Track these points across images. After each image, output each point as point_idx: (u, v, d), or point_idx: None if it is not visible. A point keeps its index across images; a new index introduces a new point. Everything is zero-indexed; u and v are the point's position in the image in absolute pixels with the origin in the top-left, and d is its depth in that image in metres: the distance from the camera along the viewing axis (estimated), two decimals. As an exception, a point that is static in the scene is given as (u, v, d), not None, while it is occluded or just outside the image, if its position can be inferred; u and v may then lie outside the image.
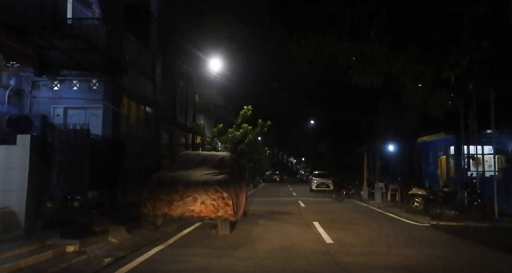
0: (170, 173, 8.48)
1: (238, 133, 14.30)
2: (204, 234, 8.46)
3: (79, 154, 6.27)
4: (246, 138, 14.29)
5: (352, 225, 10.16)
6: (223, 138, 14.25)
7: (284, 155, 73.76)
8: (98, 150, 7.61)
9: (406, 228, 9.91)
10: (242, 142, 14.31)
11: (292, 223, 10.44)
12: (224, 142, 14.21)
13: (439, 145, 19.19)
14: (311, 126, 43.79)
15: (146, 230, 8.24)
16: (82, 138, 6.34)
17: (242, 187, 10.12)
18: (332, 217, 11.93)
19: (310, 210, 14.21)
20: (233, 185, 8.56)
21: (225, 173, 8.68)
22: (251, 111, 14.33)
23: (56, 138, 6.20)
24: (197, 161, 9.45)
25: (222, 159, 9.56)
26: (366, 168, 21.00)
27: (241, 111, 14.45)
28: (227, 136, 14.21)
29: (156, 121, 12.10)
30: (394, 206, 15.27)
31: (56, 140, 6.17)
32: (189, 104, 16.90)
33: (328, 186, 26.89)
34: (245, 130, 14.32)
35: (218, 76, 20.40)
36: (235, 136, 14.04)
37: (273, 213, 13.40)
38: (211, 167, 9.09)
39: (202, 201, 7.66)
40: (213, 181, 7.92)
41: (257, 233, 8.59)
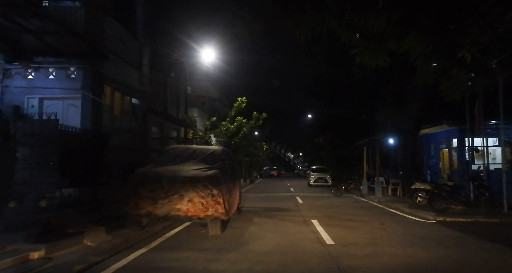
0: (155, 168, 7.78)
1: (232, 126, 13.58)
2: (194, 234, 7.79)
3: (46, 147, 5.55)
4: (241, 131, 13.57)
5: (353, 222, 9.51)
6: (216, 131, 13.52)
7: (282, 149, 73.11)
8: (74, 143, 6.88)
9: (411, 224, 9.27)
10: (236, 135, 13.60)
11: (289, 221, 9.78)
12: (217, 136, 13.48)
13: (441, 137, 18.54)
14: (309, 120, 43.12)
15: (129, 230, 7.56)
16: (50, 129, 5.61)
17: (235, 182, 9.45)
18: (331, 214, 11.28)
19: (308, 206, 13.57)
20: (225, 180, 7.89)
21: (216, 168, 8.00)
22: (245, 103, 13.59)
23: (19, 129, 5.47)
24: (185, 155, 8.76)
25: (213, 153, 8.87)
26: (366, 162, 20.38)
27: (235, 103, 13.71)
28: (220, 129, 13.48)
29: (143, 113, 11.36)
30: (396, 200, 14.65)
31: (20, 132, 5.44)
32: (180, 97, 16.15)
33: (326, 180, 26.32)
34: (240, 123, 13.60)
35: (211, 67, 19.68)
36: (229, 129, 13.32)
37: (269, 209, 12.74)
38: (201, 162, 8.41)
39: (190, 198, 6.97)
40: (202, 177, 7.23)
41: (251, 233, 7.93)
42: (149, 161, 8.42)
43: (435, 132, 18.77)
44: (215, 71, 21.08)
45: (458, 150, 16.90)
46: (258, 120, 13.64)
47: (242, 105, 13.43)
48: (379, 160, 17.60)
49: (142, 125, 11.26)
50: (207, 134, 13.33)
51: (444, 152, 18.75)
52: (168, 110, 15.66)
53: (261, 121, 13.75)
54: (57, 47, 7.65)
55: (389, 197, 16.20)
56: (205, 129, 13.32)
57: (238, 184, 10.30)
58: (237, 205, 10.30)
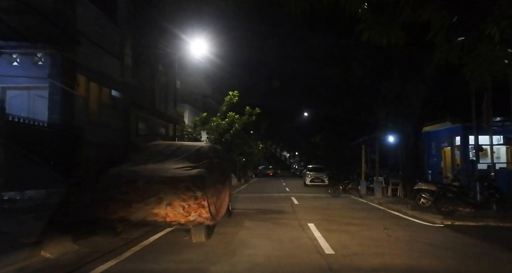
0: (132, 167, 6.88)
1: (224, 122, 12.68)
2: (175, 241, 6.90)
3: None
4: (233, 128, 12.67)
5: (353, 227, 8.67)
6: (205, 127, 12.60)
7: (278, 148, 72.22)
8: (35, 138, 5.95)
9: (417, 229, 8.44)
10: (227, 132, 12.69)
11: (283, 225, 8.92)
12: (208, 132, 12.56)
13: (443, 135, 17.78)
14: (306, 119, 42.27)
15: (102, 238, 6.66)
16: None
17: (224, 183, 8.57)
18: (329, 216, 10.44)
19: (304, 208, 12.72)
20: (212, 181, 7.01)
21: (201, 167, 7.11)
22: (237, 98, 12.69)
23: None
24: (168, 152, 7.86)
25: (199, 149, 7.98)
26: (364, 161, 19.58)
27: (226, 98, 12.77)
28: (211, 125, 12.57)
29: (126, 107, 10.43)
30: (397, 202, 13.84)
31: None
32: (169, 92, 15.23)
33: (323, 180, 25.56)
34: (232, 119, 12.69)
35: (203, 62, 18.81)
36: (220, 125, 12.41)
37: (262, 211, 11.88)
38: (184, 159, 7.52)
39: (169, 202, 6.08)
40: (184, 177, 6.34)
41: (240, 239, 7.05)
42: (126, 159, 7.51)
43: (437, 130, 18.01)
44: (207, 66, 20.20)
45: (462, 148, 16.13)
46: (251, 116, 12.73)
47: (233, 100, 12.52)
48: (378, 159, 16.78)
49: (125, 121, 10.33)
50: (196, 131, 12.42)
51: (446, 150, 17.99)
52: (156, 106, 14.73)
53: (254, 117, 12.84)
54: (20, 29, 6.71)
55: (389, 198, 15.40)
56: (195, 125, 12.41)
57: (229, 184, 9.42)
58: (227, 208, 9.43)
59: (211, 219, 6.53)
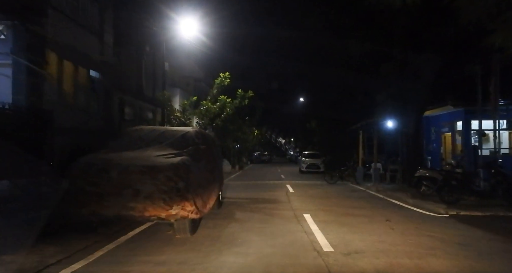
0: (108, 154, 6.13)
1: (215, 106, 11.89)
2: (157, 237, 6.24)
3: None
4: (224, 112, 11.89)
5: (352, 218, 8.05)
6: (195, 111, 11.80)
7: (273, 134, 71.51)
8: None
9: (421, 220, 7.84)
10: (219, 117, 11.92)
11: (277, 216, 8.28)
12: (198, 117, 11.76)
13: (444, 120, 17.13)
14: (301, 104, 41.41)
15: (74, 233, 5.97)
16: None
17: (213, 171, 7.87)
18: (326, 206, 9.82)
19: (299, 196, 12.11)
20: (197, 169, 6.31)
21: (185, 154, 6.39)
22: (228, 80, 11.84)
23: None
24: (150, 138, 7.12)
25: (185, 135, 7.23)
26: (362, 147, 18.95)
27: (216, 80, 11.91)
28: (200, 109, 11.75)
29: (107, 90, 9.59)
30: (396, 189, 13.27)
31: None
32: (158, 75, 14.36)
33: (318, 167, 25.02)
34: (223, 103, 11.90)
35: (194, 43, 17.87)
36: (210, 109, 11.62)
37: (255, 200, 11.24)
38: (167, 146, 6.78)
39: (147, 194, 5.36)
40: (165, 165, 5.61)
41: (229, 234, 6.40)
42: (103, 146, 6.76)
43: (437, 115, 17.35)
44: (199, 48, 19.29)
45: (463, 134, 15.52)
46: (243, 100, 11.93)
47: (225, 82, 11.68)
48: (377, 144, 16.14)
49: (106, 104, 9.51)
50: (185, 115, 11.63)
51: (446, 136, 17.38)
52: (144, 89, 13.87)
53: (246, 100, 12.03)
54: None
55: (388, 185, 14.83)
56: (183, 109, 11.61)
57: (219, 172, 8.72)
58: (217, 198, 8.77)
59: (197, 212, 5.85)
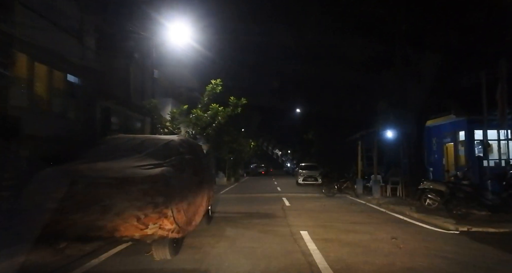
0: (78, 165, 5.39)
1: (206, 115, 11.21)
2: (134, 259, 5.46)
3: None
4: (215, 121, 11.20)
5: (354, 235, 7.30)
6: (184, 120, 11.12)
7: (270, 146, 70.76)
8: None
9: (430, 238, 7.10)
10: (210, 126, 11.23)
11: (272, 234, 7.51)
12: (187, 126, 11.05)
13: (445, 130, 16.53)
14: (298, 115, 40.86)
15: (35, 257, 5.18)
16: None
17: (201, 184, 7.14)
18: (325, 221, 9.07)
19: (296, 210, 11.34)
20: (180, 182, 5.58)
21: (167, 165, 5.66)
22: (220, 87, 11.18)
23: None
24: (128, 147, 6.39)
25: (168, 144, 6.52)
26: (361, 158, 18.29)
27: (207, 87, 11.24)
28: (190, 118, 11.06)
29: (89, 96, 8.90)
30: (398, 202, 12.53)
31: None
32: (147, 83, 13.74)
33: (316, 179, 24.26)
34: (215, 111, 11.23)
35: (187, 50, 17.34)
36: (200, 118, 10.91)
37: (249, 215, 10.46)
38: (148, 156, 6.04)
39: (119, 210, 4.62)
40: (140, 178, 4.88)
41: (216, 256, 5.63)
42: (75, 156, 6.02)
43: (438, 125, 16.75)
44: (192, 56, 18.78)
45: (466, 144, 14.90)
46: (236, 107, 11.25)
47: (216, 89, 11.04)
48: (377, 155, 15.46)
49: (87, 112, 8.81)
50: (174, 125, 10.94)
51: (448, 146, 16.75)
52: (132, 98, 13.21)
53: (239, 108, 11.34)
54: None
55: (389, 198, 14.09)
56: (172, 118, 10.91)
57: (208, 185, 7.98)
58: (206, 213, 8.02)
59: (178, 231, 5.10)
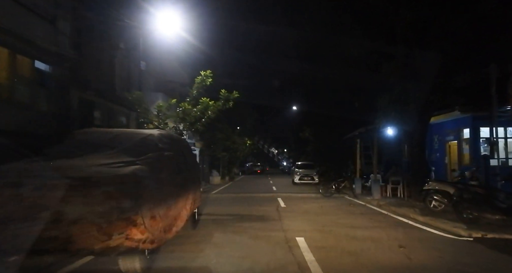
0: (28, 163, 4.56)
1: (195, 109, 10.36)
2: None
3: None
4: (205, 116, 10.35)
5: (356, 243, 6.52)
6: (171, 114, 10.24)
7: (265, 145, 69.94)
8: None
9: (441, 245, 6.34)
10: (199, 121, 10.37)
11: (263, 240, 6.72)
12: (174, 121, 10.18)
13: (448, 127, 15.77)
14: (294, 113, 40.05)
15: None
16: None
17: (185, 184, 6.34)
18: (323, 225, 8.28)
19: (292, 212, 10.55)
20: (157, 183, 4.78)
21: (142, 162, 4.85)
22: (211, 79, 10.31)
23: None
24: (99, 142, 5.57)
25: (145, 139, 5.70)
26: (359, 156, 17.54)
27: (196, 79, 10.36)
28: (177, 112, 10.18)
29: (63, 87, 8.03)
30: (400, 204, 11.78)
31: None
32: (134, 75, 12.88)
33: (313, 178, 23.51)
34: (205, 106, 10.38)
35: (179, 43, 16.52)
36: (188, 112, 10.03)
37: (241, 218, 9.67)
38: (121, 152, 5.21)
39: (74, 217, 3.80)
40: (105, 178, 4.07)
41: (197, 270, 4.82)
42: (35, 153, 5.18)
43: (440, 122, 15.99)
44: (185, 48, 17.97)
45: (471, 142, 14.17)
46: (227, 101, 10.39)
47: (206, 82, 10.18)
48: (376, 153, 14.71)
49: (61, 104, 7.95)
50: (160, 120, 10.09)
51: (451, 144, 16.00)
52: (117, 91, 12.35)
53: (231, 102, 10.48)
54: None
55: (390, 199, 13.33)
56: (158, 112, 10.04)
57: (194, 185, 7.17)
58: (191, 216, 7.21)
59: (152, 241, 4.32)
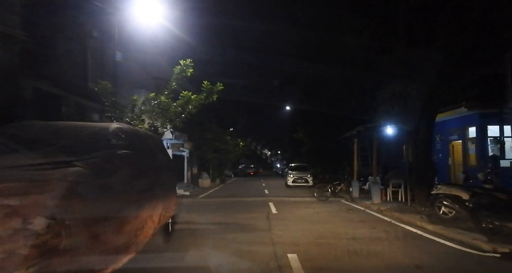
0: None
1: (175, 104, 9.13)
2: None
3: None
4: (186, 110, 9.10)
5: (362, 260, 5.36)
6: (147, 109, 8.98)
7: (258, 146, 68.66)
8: None
9: (465, 264, 5.21)
10: (179, 117, 9.11)
11: (248, 258, 5.51)
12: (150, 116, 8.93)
13: (452, 126, 14.71)
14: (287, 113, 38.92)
15: None
16: None
17: (153, 190, 5.16)
18: (319, 237, 7.09)
19: (284, 220, 9.35)
20: (100, 191, 3.59)
21: (84, 163, 3.67)
22: (192, 69, 9.06)
23: None
24: (36, 137, 4.38)
25: (95, 134, 4.51)
26: (357, 158, 16.42)
27: (175, 69, 9.09)
28: (152, 106, 8.92)
29: (10, 74, 6.75)
30: (403, 209, 10.65)
31: None
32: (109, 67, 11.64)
33: (307, 180, 22.43)
34: (187, 100, 9.15)
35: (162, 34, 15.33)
36: (167, 107, 8.79)
37: (226, 227, 8.46)
38: (59, 150, 4.03)
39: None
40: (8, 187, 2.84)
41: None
42: None
43: (443, 120, 14.89)
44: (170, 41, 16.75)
45: (478, 141, 13.12)
46: (210, 94, 9.15)
47: (187, 73, 8.94)
48: (376, 154, 13.58)
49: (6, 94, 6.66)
50: (135, 115, 8.84)
51: (455, 144, 14.95)
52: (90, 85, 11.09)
53: (215, 96, 9.24)
54: None
55: (391, 203, 12.20)
56: (132, 107, 8.79)
57: (166, 192, 5.94)
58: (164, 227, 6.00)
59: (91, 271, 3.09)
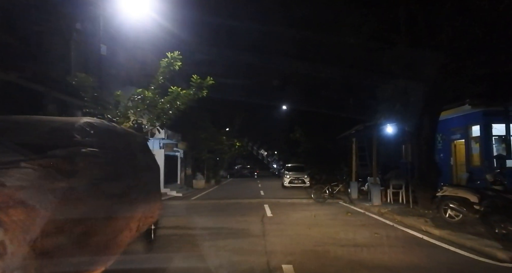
0: None
1: (163, 100, 8.53)
2: None
3: None
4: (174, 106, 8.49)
5: (363, 271, 4.74)
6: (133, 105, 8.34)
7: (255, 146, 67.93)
8: None
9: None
10: (167, 113, 8.50)
11: (239, 270, 4.89)
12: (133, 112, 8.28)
13: (454, 125, 14.17)
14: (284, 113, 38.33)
15: None
16: None
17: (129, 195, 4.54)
18: (317, 243, 6.49)
19: (279, 224, 8.74)
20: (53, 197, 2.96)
21: (34, 164, 3.05)
22: (180, 63, 8.45)
23: None
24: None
25: (56, 130, 3.88)
26: (355, 157, 15.85)
27: (161, 62, 8.46)
28: (137, 102, 8.29)
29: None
30: (405, 212, 10.07)
31: None
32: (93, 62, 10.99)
33: (303, 181, 21.85)
34: (175, 95, 8.55)
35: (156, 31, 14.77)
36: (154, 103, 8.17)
37: (216, 233, 7.82)
38: (7, 148, 3.39)
39: None
40: None
41: None
42: None
43: (445, 119, 14.33)
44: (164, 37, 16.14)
45: (482, 141, 12.58)
46: (200, 89, 8.54)
47: (174, 66, 8.32)
48: (376, 153, 13.01)
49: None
50: (119, 112, 8.22)
51: (457, 143, 14.42)
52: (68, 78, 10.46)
53: (205, 91, 8.63)
54: None
55: (392, 206, 11.62)
56: (115, 103, 8.18)
57: (148, 196, 5.32)
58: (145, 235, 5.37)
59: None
